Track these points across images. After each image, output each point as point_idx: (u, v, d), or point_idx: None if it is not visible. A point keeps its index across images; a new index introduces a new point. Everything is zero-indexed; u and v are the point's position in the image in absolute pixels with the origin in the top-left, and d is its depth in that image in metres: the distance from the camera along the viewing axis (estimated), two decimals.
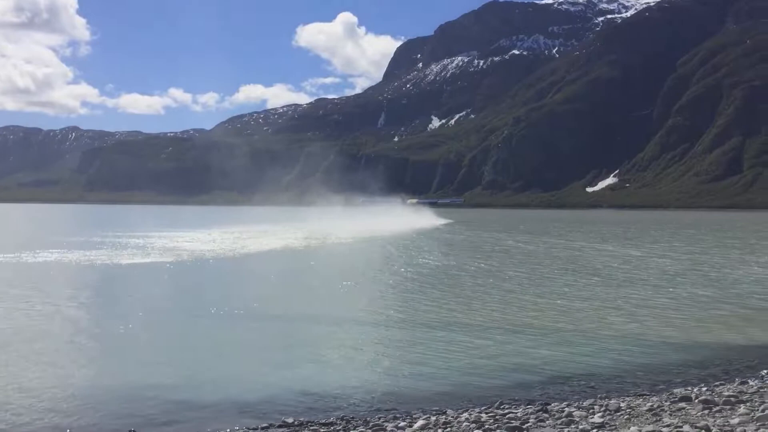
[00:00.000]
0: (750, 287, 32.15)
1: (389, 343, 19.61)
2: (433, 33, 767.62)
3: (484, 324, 22.27)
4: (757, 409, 12.34)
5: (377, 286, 32.39)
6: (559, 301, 27.35)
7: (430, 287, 31.73)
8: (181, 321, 23.24)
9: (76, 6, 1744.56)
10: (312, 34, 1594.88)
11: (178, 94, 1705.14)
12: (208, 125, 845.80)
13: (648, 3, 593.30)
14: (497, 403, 13.73)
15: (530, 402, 13.80)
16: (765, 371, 16.09)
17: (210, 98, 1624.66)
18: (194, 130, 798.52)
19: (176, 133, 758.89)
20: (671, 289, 31.16)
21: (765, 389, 14.02)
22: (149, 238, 68.87)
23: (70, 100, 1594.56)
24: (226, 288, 31.92)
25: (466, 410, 13.34)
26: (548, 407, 13.24)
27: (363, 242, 67.99)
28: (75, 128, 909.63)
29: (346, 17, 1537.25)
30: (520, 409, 13.23)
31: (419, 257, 49.14)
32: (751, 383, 14.78)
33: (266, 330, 21.44)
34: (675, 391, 14.26)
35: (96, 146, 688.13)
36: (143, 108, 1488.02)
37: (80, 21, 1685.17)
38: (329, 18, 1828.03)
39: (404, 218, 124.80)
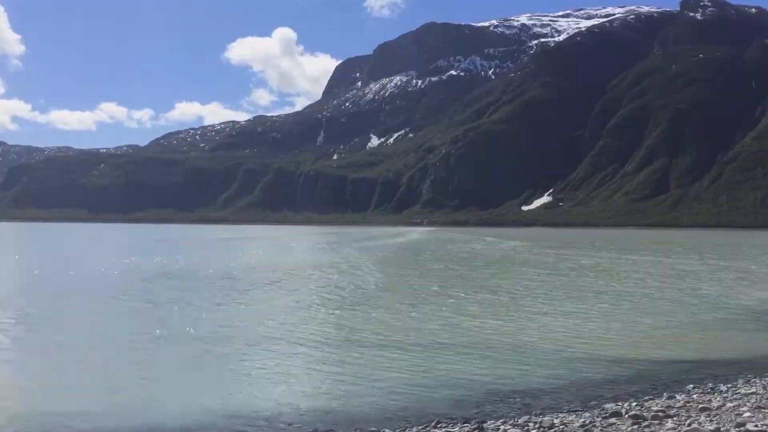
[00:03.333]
0: (675, 304, 33.23)
1: (324, 363, 19.43)
2: (372, 52, 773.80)
3: (419, 342, 22.31)
4: (684, 424, 12.72)
5: (314, 300, 32.09)
6: (493, 317, 27.66)
7: (363, 302, 31.63)
8: (101, 341, 22.45)
9: (7, 20, 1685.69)
10: (248, 50, 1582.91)
11: (111, 110, 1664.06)
12: (143, 142, 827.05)
13: (579, 28, 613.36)
14: (434, 422, 13.76)
15: (467, 420, 13.88)
16: (691, 386, 16.61)
17: (145, 114, 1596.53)
18: (128, 146, 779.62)
19: (109, 149, 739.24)
20: (601, 306, 31.94)
21: (691, 404, 14.47)
22: None
23: None
24: (159, 305, 31.02)
25: (404, 430, 13.33)
26: (484, 425, 13.34)
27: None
28: (1, 143, 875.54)
29: (284, 33, 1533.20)
30: (457, 428, 13.30)
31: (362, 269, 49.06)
32: (678, 398, 15.23)
33: (196, 350, 20.85)
34: (606, 406, 14.58)
35: (24, 162, 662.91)
36: (75, 124, 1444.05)
37: (11, 35, 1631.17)
38: (266, 33, 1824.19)
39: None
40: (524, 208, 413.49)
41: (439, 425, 13.51)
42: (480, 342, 22.45)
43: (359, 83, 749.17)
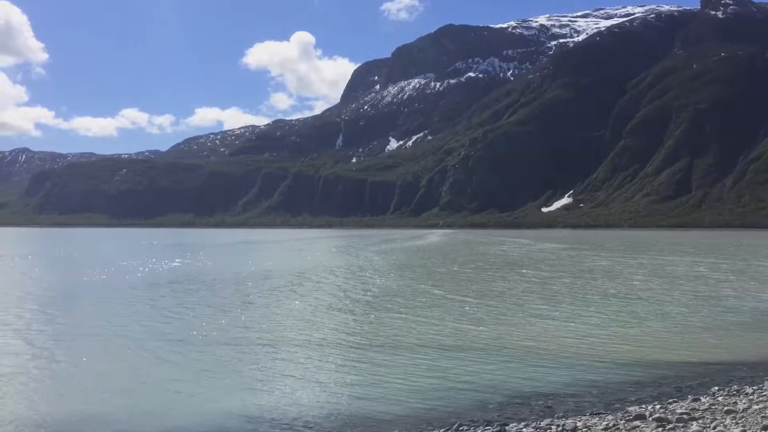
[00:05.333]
0: (700, 305, 32.85)
1: (345, 366, 19.44)
2: (390, 55, 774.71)
3: (441, 344, 22.27)
4: (709, 426, 12.58)
5: (333, 303, 32.10)
6: (513, 320, 27.52)
7: (385, 304, 31.59)
8: (122, 345, 22.58)
9: (30, 28, 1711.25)
10: (266, 54, 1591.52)
11: (133, 116, 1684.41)
12: (164, 147, 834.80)
13: (599, 28, 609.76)
14: (456, 424, 13.71)
15: (488, 423, 13.82)
16: (716, 388, 16.41)
17: (166, 120, 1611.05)
18: (149, 151, 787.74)
19: (131, 154, 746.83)
20: (623, 308, 31.65)
21: (716, 406, 14.30)
22: None
23: (24, 122, 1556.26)
24: (172, 308, 31.18)
25: None
26: (506, 428, 13.29)
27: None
28: (25, 150, 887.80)
29: (302, 37, 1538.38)
30: (479, 431, 13.24)
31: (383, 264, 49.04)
32: (703, 400, 15.05)
33: (213, 353, 20.97)
34: (629, 409, 14.44)
35: (47, 168, 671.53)
36: (97, 130, 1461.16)
37: (35, 43, 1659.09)
38: (284, 37, 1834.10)
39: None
40: (544, 209, 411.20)
41: (461, 428, 13.47)
42: (501, 345, 22.34)
43: (377, 86, 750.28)
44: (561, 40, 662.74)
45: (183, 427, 13.92)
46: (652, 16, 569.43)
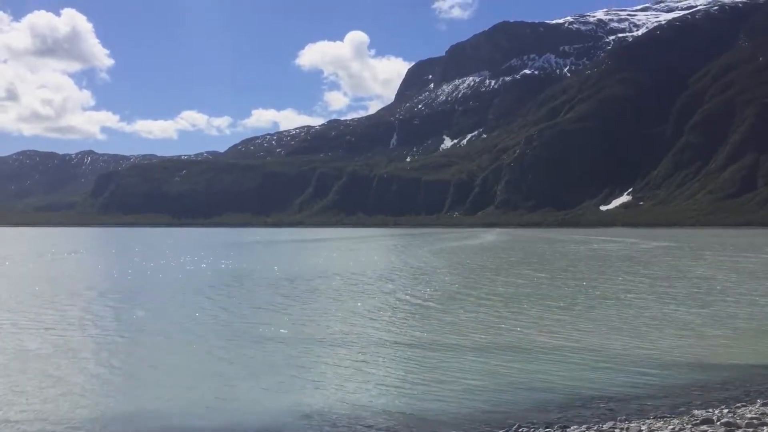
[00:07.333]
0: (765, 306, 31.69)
1: (402, 365, 19.39)
2: (444, 54, 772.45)
3: (500, 345, 22.01)
4: None
5: (389, 302, 32.11)
6: (575, 321, 27.03)
7: (442, 305, 31.44)
8: (178, 340, 23.02)
9: (95, 35, 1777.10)
10: (319, 55, 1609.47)
11: (192, 118, 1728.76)
12: (222, 148, 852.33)
13: (659, 21, 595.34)
14: (515, 426, 13.53)
15: (549, 425, 13.59)
16: None
17: (224, 122, 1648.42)
18: (208, 152, 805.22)
19: (190, 155, 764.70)
20: (689, 308, 30.75)
21: None
22: None
23: (90, 125, 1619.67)
24: (227, 303, 31.67)
25: None
26: (567, 430, 13.05)
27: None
28: (90, 152, 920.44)
29: (356, 36, 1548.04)
30: None
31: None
32: None
33: (269, 350, 21.15)
34: (696, 413, 14.01)
35: (111, 170, 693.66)
36: (158, 132, 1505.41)
37: (100, 50, 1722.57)
38: (337, 37, 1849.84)
39: None
40: (602, 208, 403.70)
41: (519, 429, 13.28)
42: (561, 345, 21.96)
43: (431, 85, 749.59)
44: (620, 35, 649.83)
45: (241, 422, 14.11)
46: (715, 8, 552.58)
